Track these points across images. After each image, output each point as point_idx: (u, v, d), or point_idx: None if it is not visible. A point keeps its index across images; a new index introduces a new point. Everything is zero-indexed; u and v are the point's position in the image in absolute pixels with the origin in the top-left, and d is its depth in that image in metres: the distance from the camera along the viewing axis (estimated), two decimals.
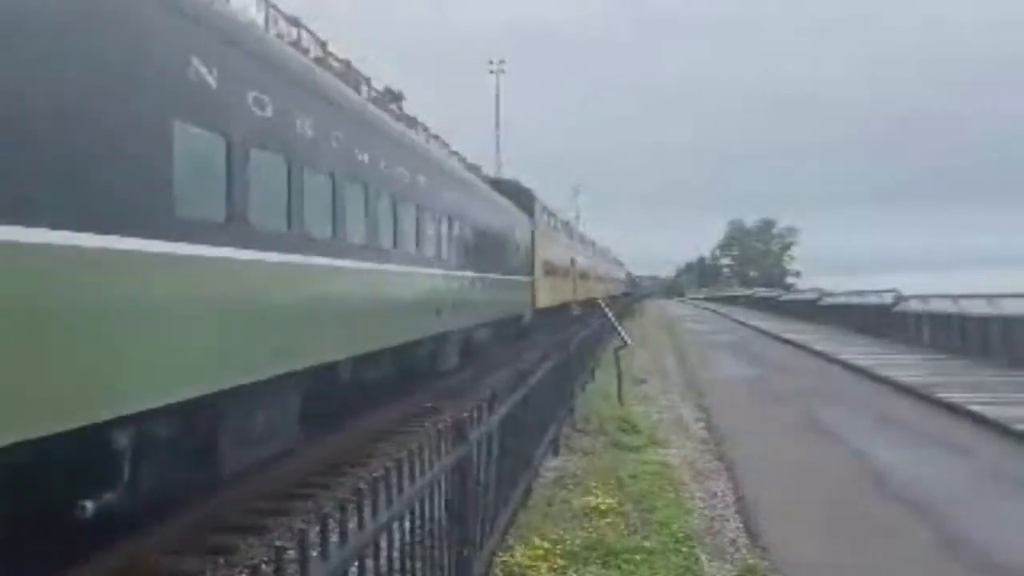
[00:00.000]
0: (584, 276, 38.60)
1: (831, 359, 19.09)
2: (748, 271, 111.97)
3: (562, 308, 29.84)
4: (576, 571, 5.02)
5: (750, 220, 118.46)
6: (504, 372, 10.12)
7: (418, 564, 3.47)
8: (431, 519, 3.65)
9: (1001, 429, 9.83)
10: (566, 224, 35.46)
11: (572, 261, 33.25)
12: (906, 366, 16.51)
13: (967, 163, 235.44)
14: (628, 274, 79.73)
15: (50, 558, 5.16)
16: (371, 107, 10.99)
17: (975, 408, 10.92)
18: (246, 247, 6.38)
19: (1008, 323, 17.54)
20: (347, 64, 11.73)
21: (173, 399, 5.29)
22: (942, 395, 12.26)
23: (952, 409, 11.38)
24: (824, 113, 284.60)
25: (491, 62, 51.56)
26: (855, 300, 30.94)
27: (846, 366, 17.62)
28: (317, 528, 2.43)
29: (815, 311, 35.21)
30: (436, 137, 17.07)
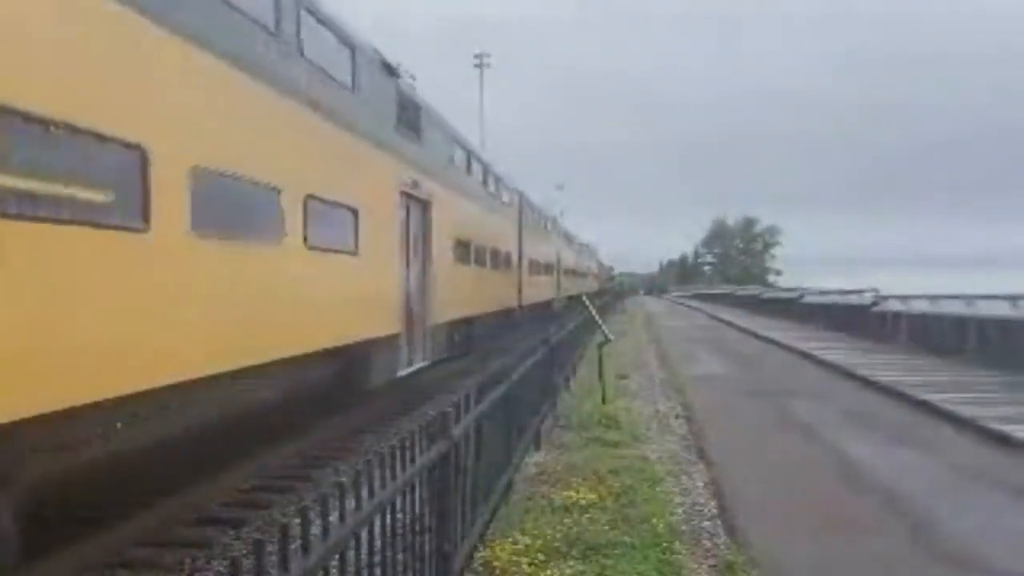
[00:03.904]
0: (483, 260, 17.88)
1: (809, 357, 19.26)
2: (730, 269, 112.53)
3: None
4: (556, 566, 5.03)
5: (732, 218, 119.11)
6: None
7: (399, 558, 3.46)
8: (412, 514, 3.65)
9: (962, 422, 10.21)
10: (454, 135, 15.40)
11: (476, 220, 16.72)
12: (882, 365, 16.70)
13: (954, 163, 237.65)
14: (600, 264, 75.59)
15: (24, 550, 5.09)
16: None
17: (946, 407, 11.18)
18: None
19: (982, 324, 17.87)
20: None
21: None
22: (910, 392, 12.58)
23: (923, 406, 11.68)
24: (809, 112, 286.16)
25: (476, 56, 51.37)
26: (836, 299, 31.21)
27: (823, 364, 17.81)
28: (297, 522, 2.43)
29: (796, 310, 35.45)
30: None
